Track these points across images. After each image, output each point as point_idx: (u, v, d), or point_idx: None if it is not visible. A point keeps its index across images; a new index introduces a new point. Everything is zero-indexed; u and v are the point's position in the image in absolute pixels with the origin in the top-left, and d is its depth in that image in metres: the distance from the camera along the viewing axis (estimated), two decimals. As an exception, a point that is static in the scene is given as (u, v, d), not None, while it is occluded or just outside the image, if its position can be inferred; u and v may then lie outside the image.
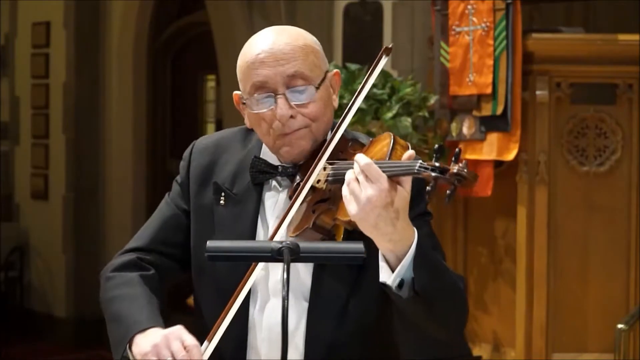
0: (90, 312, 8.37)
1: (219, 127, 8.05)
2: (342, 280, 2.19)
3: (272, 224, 2.24)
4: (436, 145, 2.03)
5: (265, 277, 2.22)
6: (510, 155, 4.59)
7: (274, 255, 1.90)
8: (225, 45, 7.21)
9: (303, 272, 2.20)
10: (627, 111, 4.65)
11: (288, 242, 1.90)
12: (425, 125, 4.97)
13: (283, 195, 2.26)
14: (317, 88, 2.19)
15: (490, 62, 4.60)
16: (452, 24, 4.78)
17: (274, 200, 2.27)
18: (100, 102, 8.43)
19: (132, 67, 8.29)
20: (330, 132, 2.24)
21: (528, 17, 5.10)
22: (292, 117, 2.17)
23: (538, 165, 4.61)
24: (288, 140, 2.20)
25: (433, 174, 1.98)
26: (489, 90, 4.61)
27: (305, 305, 2.19)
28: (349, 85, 4.73)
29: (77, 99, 8.36)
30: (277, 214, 2.24)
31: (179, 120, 8.58)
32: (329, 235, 2.14)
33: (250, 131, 2.32)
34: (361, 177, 2.00)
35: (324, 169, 2.16)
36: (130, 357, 2.18)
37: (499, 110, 4.58)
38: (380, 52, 2.16)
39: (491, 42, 4.61)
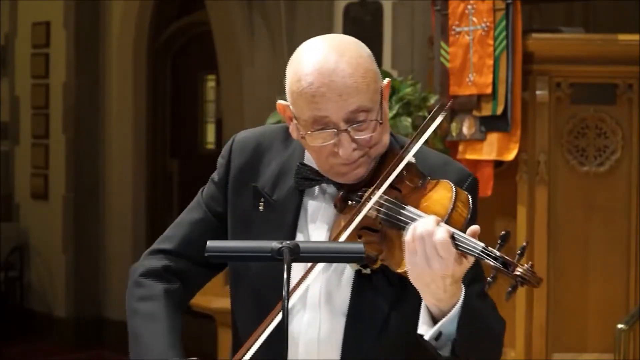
0: (90, 312, 8.38)
1: (219, 127, 8.05)
2: (384, 295, 2.13)
3: (312, 232, 2.19)
4: (502, 232, 1.96)
5: (304, 291, 2.16)
6: (510, 155, 4.59)
7: (274, 255, 1.89)
8: (225, 45, 7.21)
9: (342, 286, 2.15)
10: (627, 111, 4.64)
11: (288, 242, 1.89)
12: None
13: (326, 203, 2.19)
14: (377, 120, 2.11)
15: (490, 62, 4.60)
16: (452, 24, 4.77)
17: (316, 208, 2.20)
18: (100, 102, 8.43)
19: (132, 67, 8.29)
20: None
21: (528, 17, 5.09)
22: (353, 150, 2.11)
23: (538, 165, 4.61)
24: (346, 170, 2.13)
25: (493, 264, 1.92)
26: (489, 90, 4.61)
27: (343, 320, 2.14)
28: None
29: (77, 99, 8.36)
30: (319, 222, 2.19)
31: (179, 120, 8.58)
32: (370, 262, 2.08)
33: None
34: (429, 245, 1.95)
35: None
36: None
37: (499, 110, 4.57)
38: (437, 107, 2.10)
39: (491, 42, 4.60)
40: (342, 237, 2.05)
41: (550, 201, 4.62)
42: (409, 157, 2.10)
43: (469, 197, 2.07)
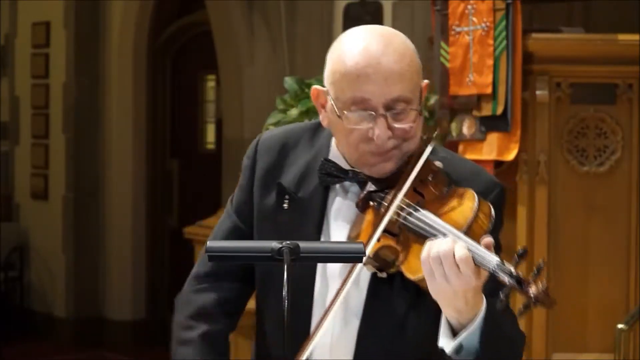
0: (90, 312, 8.38)
1: (219, 127, 8.05)
2: (401, 297, 2.10)
3: (333, 231, 2.17)
4: (520, 250, 1.92)
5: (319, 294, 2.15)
6: (511, 155, 4.59)
7: (274, 255, 1.88)
8: (225, 45, 7.21)
9: (358, 289, 2.12)
10: (627, 111, 4.64)
11: (288, 242, 1.88)
12: (426, 125, 4.96)
13: (348, 202, 2.17)
14: (417, 111, 2.10)
15: (490, 62, 4.60)
16: (452, 24, 4.77)
17: (338, 206, 2.18)
18: (100, 102, 8.43)
19: (132, 67, 8.30)
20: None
21: (528, 17, 5.09)
22: (388, 137, 2.08)
23: (538, 165, 4.61)
24: (377, 160, 2.11)
25: (508, 281, 1.88)
26: (489, 90, 4.61)
27: (357, 322, 2.12)
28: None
29: (77, 99, 8.36)
30: (341, 221, 2.16)
31: (179, 120, 8.59)
32: (386, 266, 2.06)
33: (318, 129, 2.24)
34: (448, 264, 1.91)
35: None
36: None
37: (499, 110, 4.57)
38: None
39: (491, 42, 4.60)
40: (369, 247, 2.02)
41: (550, 201, 4.62)
42: (428, 152, 2.09)
43: (492, 208, 2.04)
